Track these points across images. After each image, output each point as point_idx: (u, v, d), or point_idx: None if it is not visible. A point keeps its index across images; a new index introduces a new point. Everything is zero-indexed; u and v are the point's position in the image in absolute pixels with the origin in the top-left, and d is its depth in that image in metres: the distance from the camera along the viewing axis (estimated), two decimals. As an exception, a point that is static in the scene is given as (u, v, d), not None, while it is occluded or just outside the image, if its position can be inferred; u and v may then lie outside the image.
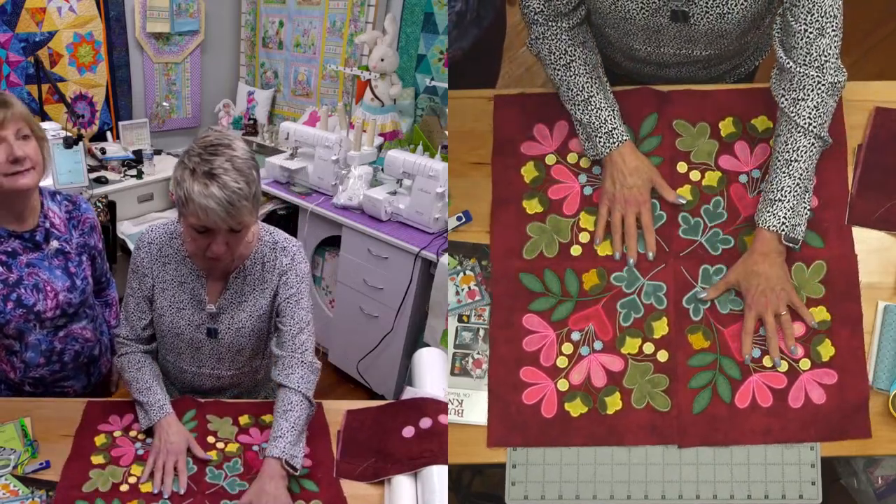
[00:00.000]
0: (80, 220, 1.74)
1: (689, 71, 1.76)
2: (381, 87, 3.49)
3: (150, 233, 1.69)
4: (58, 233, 1.69)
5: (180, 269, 1.67)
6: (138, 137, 3.99)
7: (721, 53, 1.68)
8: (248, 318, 1.68)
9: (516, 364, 1.62)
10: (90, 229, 1.76)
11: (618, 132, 1.62)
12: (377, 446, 1.61)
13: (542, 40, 1.65)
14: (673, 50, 1.65)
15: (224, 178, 1.43)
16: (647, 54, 1.68)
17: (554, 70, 1.66)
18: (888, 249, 1.63)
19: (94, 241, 1.78)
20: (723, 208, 1.67)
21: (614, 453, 1.57)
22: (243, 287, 1.68)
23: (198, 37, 4.26)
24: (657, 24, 1.56)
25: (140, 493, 1.47)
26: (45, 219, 1.67)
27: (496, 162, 1.74)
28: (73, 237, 1.72)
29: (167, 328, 1.70)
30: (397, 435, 1.61)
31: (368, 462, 1.58)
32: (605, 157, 1.64)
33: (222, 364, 1.75)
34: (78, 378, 1.81)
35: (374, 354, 3.14)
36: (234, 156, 1.46)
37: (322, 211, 3.23)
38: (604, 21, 1.64)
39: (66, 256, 1.69)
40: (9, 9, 3.40)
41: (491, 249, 1.68)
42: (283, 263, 1.67)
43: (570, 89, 1.65)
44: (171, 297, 1.67)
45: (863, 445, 1.54)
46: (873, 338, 1.58)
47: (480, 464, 1.67)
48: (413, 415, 1.64)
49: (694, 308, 1.62)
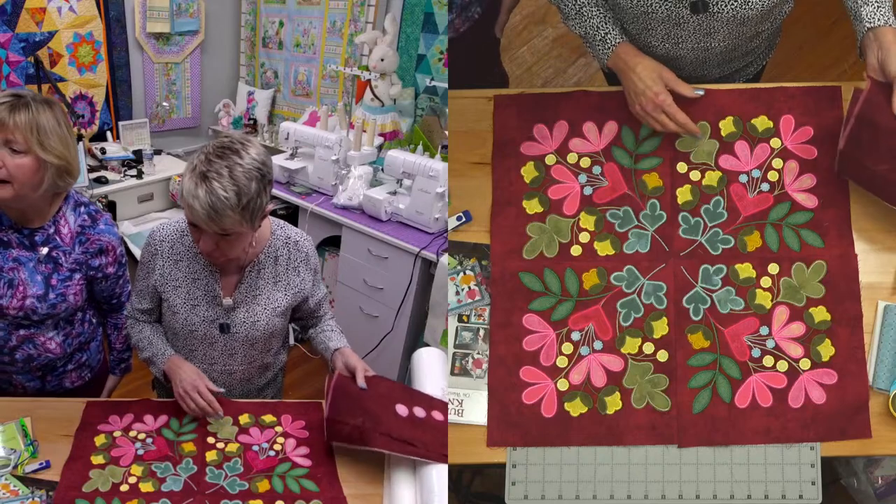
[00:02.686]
0: (89, 238, 1.68)
1: (702, 70, 1.77)
2: (381, 87, 3.49)
3: (162, 230, 1.70)
4: (59, 242, 1.66)
5: (193, 265, 1.68)
6: (138, 137, 3.99)
7: (737, 46, 1.69)
8: (262, 312, 1.71)
9: (516, 364, 1.62)
10: (98, 251, 1.69)
11: (610, 36, 1.63)
12: (367, 406, 1.58)
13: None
14: (691, 45, 1.66)
15: (214, 183, 1.44)
16: (665, 52, 1.69)
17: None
18: (888, 249, 1.63)
19: (99, 262, 1.71)
20: (723, 208, 1.67)
21: (614, 453, 1.57)
22: (257, 281, 1.70)
23: (198, 37, 4.26)
24: (678, 15, 1.57)
25: (140, 492, 1.47)
26: (54, 225, 1.65)
27: (496, 162, 1.74)
28: (74, 252, 1.67)
29: (181, 325, 1.70)
30: (390, 408, 1.58)
31: (357, 421, 1.54)
32: (609, 62, 1.65)
33: (234, 359, 1.75)
34: (28, 378, 1.77)
35: (374, 354, 3.14)
36: (236, 163, 1.47)
37: (322, 211, 3.23)
38: (623, 15, 1.65)
39: (56, 267, 1.65)
40: (9, 9, 3.40)
41: (491, 249, 1.68)
42: (297, 259, 1.73)
43: (565, 4, 1.68)
44: (184, 295, 1.68)
45: (863, 445, 1.54)
46: (873, 338, 1.58)
47: (480, 464, 1.67)
48: (408, 397, 1.63)
49: (694, 308, 1.62)
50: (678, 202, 1.68)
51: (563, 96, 1.76)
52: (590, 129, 1.74)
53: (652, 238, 1.66)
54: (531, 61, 3.20)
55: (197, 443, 1.61)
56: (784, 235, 1.64)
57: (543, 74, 3.19)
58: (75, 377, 1.84)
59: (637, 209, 1.68)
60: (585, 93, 1.76)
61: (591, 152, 1.73)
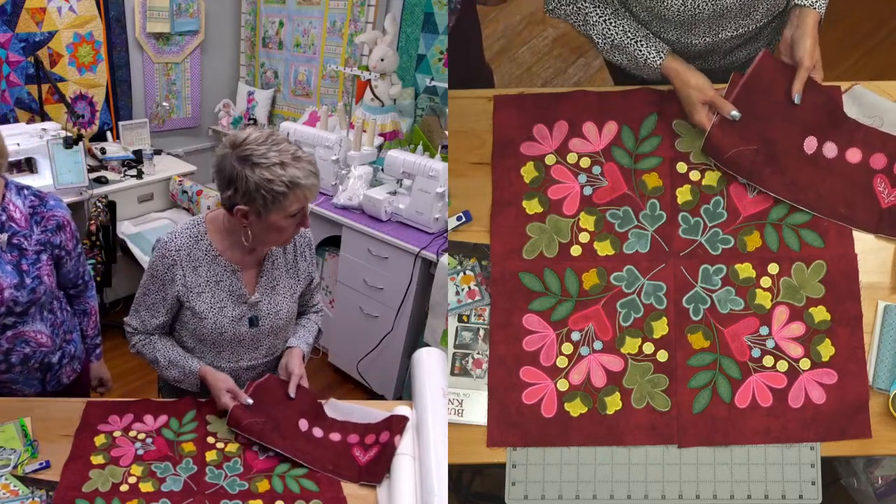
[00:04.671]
0: (44, 216, 1.67)
1: (708, 62, 1.78)
2: (381, 87, 3.49)
3: (175, 240, 1.67)
4: (16, 227, 1.63)
5: (213, 268, 1.68)
6: (138, 137, 3.99)
7: (746, 33, 1.69)
8: (283, 300, 1.76)
9: (516, 364, 1.62)
10: (56, 227, 1.68)
11: (650, 59, 1.64)
12: (274, 413, 1.64)
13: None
14: (702, 32, 1.66)
15: (301, 154, 1.57)
16: (675, 40, 1.70)
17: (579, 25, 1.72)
18: (887, 249, 1.63)
19: (60, 239, 1.69)
20: (723, 208, 1.67)
21: (614, 453, 1.57)
22: (274, 272, 1.75)
23: (198, 37, 4.26)
24: (692, 4, 1.58)
25: (140, 493, 1.47)
26: (3, 212, 1.62)
27: (496, 162, 1.74)
28: (34, 233, 1.65)
29: (209, 330, 1.70)
30: (294, 420, 1.65)
31: (259, 419, 1.61)
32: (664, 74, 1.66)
33: (259, 352, 1.78)
34: (29, 383, 1.76)
35: (374, 354, 3.14)
36: (286, 141, 1.58)
37: (322, 211, 3.23)
38: (636, 4, 1.65)
39: (21, 252, 1.63)
40: (9, 9, 3.40)
41: (491, 249, 1.68)
42: (303, 244, 1.81)
43: (598, 40, 1.70)
44: (209, 300, 1.68)
45: (863, 445, 1.54)
46: (873, 338, 1.58)
47: (480, 464, 1.67)
48: (315, 416, 1.68)
49: (694, 308, 1.62)
50: (678, 202, 1.68)
51: (563, 96, 1.76)
52: (589, 129, 1.74)
53: (652, 238, 1.67)
54: (531, 61, 3.20)
55: (197, 443, 1.61)
56: (784, 235, 1.64)
57: (543, 74, 3.19)
58: (69, 371, 1.84)
59: (637, 209, 1.68)
60: (585, 93, 1.76)
61: (590, 152, 1.73)
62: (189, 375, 1.72)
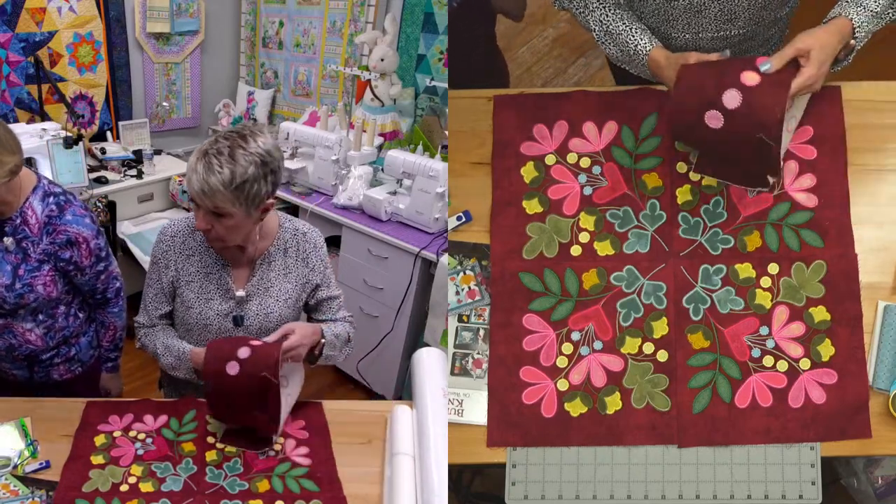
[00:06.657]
0: (56, 228, 1.66)
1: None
2: (381, 87, 3.49)
3: (173, 226, 1.73)
4: (27, 232, 1.65)
5: (204, 259, 1.71)
6: (138, 137, 3.99)
7: (756, 34, 1.70)
8: (275, 304, 1.74)
9: (516, 364, 1.62)
10: (65, 242, 1.67)
11: (640, 46, 1.64)
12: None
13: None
14: (711, 34, 1.66)
15: (213, 160, 1.51)
16: (685, 42, 1.70)
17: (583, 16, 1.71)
18: (888, 249, 1.63)
19: (70, 255, 1.68)
20: (722, 208, 1.67)
21: (614, 453, 1.57)
22: (268, 273, 1.74)
23: (198, 37, 4.26)
24: (699, 3, 1.58)
25: (140, 492, 1.47)
26: (21, 215, 1.65)
27: (496, 162, 1.74)
28: (42, 243, 1.66)
29: (195, 320, 1.72)
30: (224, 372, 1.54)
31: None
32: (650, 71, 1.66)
33: None
34: (17, 367, 1.79)
35: (374, 354, 3.14)
36: (239, 146, 1.53)
37: (322, 211, 3.23)
38: (644, 6, 1.66)
39: (25, 257, 1.65)
40: (9, 9, 3.41)
41: (491, 249, 1.68)
42: (306, 250, 1.77)
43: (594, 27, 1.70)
44: (197, 289, 1.71)
45: (863, 445, 1.54)
46: (873, 338, 1.58)
47: (480, 464, 1.67)
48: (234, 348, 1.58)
49: (694, 308, 1.62)
50: (678, 202, 1.68)
51: (563, 96, 1.76)
52: (589, 129, 1.74)
53: (652, 238, 1.67)
54: (531, 61, 3.20)
55: (197, 443, 1.61)
56: (784, 235, 1.64)
57: (543, 74, 3.19)
58: (64, 370, 1.85)
59: (637, 209, 1.68)
60: (585, 93, 1.76)
61: (590, 152, 1.73)
62: (182, 359, 1.70)
